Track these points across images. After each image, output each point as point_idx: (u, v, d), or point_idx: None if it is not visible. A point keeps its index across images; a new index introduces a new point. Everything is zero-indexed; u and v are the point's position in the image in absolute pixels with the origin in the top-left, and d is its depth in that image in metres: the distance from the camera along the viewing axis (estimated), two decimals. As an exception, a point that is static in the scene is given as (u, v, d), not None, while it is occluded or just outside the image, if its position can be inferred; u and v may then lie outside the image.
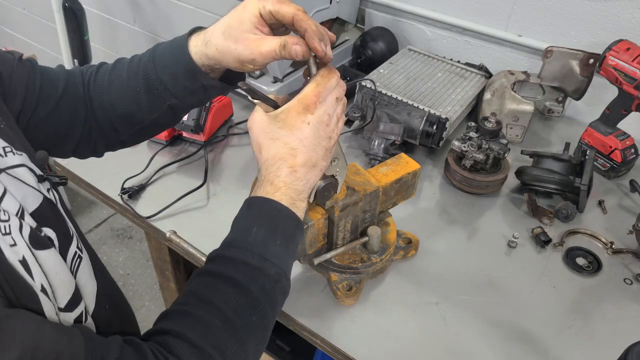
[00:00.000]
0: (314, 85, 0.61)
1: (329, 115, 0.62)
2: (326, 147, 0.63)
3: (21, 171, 0.55)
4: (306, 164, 0.61)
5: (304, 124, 0.60)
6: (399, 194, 0.88)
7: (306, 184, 0.62)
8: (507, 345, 0.79)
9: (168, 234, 0.93)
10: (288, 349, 1.44)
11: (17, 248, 0.48)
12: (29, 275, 0.48)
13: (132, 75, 0.72)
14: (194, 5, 2.02)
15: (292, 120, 0.60)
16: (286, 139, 0.60)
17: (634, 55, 1.02)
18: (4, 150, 0.55)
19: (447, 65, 1.33)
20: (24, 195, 0.54)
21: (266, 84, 1.29)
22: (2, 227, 0.47)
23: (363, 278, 0.85)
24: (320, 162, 0.63)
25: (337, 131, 0.65)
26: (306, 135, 0.61)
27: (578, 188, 0.99)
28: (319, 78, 0.62)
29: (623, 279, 0.90)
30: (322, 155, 0.63)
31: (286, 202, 0.60)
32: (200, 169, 1.09)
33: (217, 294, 0.55)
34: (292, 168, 0.61)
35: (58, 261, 0.54)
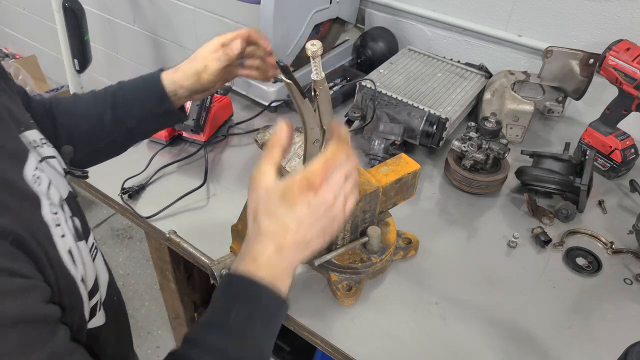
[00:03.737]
0: (322, 162, 0.58)
1: (334, 196, 0.58)
2: (325, 228, 0.59)
3: (54, 162, 0.60)
4: (296, 243, 0.57)
5: (305, 203, 0.57)
6: (399, 194, 0.88)
7: (292, 262, 0.58)
8: (507, 345, 0.79)
9: (168, 234, 0.93)
10: (288, 349, 1.44)
11: (66, 239, 0.51)
12: (74, 264, 0.51)
13: (99, 98, 0.81)
14: (194, 5, 2.03)
15: (293, 197, 0.56)
16: (283, 216, 0.56)
17: (634, 55, 1.02)
18: (41, 141, 0.59)
19: (447, 65, 1.33)
20: (58, 184, 0.56)
21: (266, 84, 1.29)
22: (55, 219, 0.50)
23: (363, 278, 0.85)
24: (314, 242, 0.59)
25: (344, 212, 0.60)
26: (304, 215, 0.57)
27: (578, 188, 0.99)
28: (329, 153, 0.58)
29: (623, 279, 0.90)
30: (319, 236, 0.59)
31: (268, 279, 0.56)
32: (200, 169, 1.09)
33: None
34: (279, 247, 0.56)
35: (87, 252, 0.58)
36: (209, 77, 0.83)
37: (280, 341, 1.44)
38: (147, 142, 1.17)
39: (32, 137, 0.58)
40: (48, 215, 0.50)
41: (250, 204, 0.59)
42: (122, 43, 2.51)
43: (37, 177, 0.51)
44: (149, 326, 2.04)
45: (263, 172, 0.58)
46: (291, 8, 1.20)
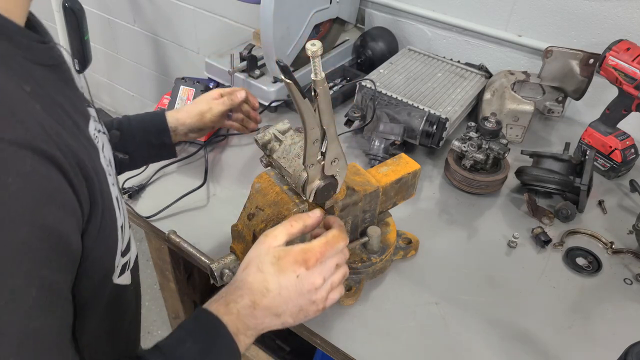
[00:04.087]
0: (324, 242, 0.61)
1: (323, 279, 0.61)
2: (303, 307, 0.61)
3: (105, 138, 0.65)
4: (270, 309, 0.59)
5: (294, 274, 0.59)
6: (399, 194, 0.88)
7: (259, 325, 0.59)
8: (507, 345, 0.79)
9: (168, 234, 0.93)
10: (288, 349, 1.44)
11: (114, 188, 0.56)
12: (119, 210, 0.56)
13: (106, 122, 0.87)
14: (194, 5, 2.03)
15: (285, 263, 0.59)
16: (268, 277, 0.59)
17: (634, 55, 1.02)
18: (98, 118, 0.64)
19: (447, 65, 1.33)
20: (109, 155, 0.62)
21: (266, 84, 1.29)
22: (108, 170, 0.55)
23: (363, 278, 0.85)
24: (286, 317, 0.60)
25: (327, 301, 0.62)
26: (288, 285, 0.59)
27: (578, 188, 0.99)
28: (330, 236, 0.62)
29: (623, 279, 0.90)
30: (293, 312, 0.60)
31: (231, 328, 0.57)
32: (200, 169, 1.09)
33: None
34: (253, 304, 0.58)
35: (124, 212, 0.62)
36: (212, 118, 0.99)
37: (280, 341, 1.44)
38: (147, 142, 1.17)
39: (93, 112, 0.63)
40: (104, 162, 0.55)
41: (248, 255, 0.62)
42: (122, 43, 2.51)
43: (95, 136, 0.56)
44: (149, 326, 2.03)
45: (274, 234, 0.61)
46: (291, 8, 1.20)
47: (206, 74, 1.40)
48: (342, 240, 0.63)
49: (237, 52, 1.34)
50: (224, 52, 1.39)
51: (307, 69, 1.35)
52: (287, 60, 1.28)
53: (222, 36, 2.00)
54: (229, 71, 1.30)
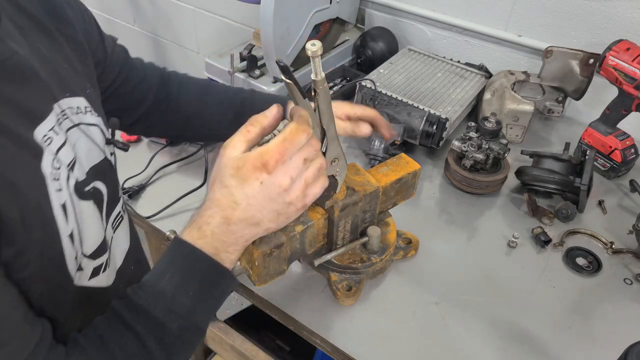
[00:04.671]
0: (280, 141, 0.55)
1: (290, 179, 0.56)
2: (280, 211, 0.58)
3: (94, 130, 0.64)
4: (245, 220, 0.57)
5: (257, 181, 0.55)
6: (399, 194, 0.88)
7: (239, 238, 0.58)
8: (507, 345, 0.79)
9: (168, 234, 0.93)
10: (288, 349, 1.43)
11: (61, 193, 0.54)
12: (65, 219, 0.54)
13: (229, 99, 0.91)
14: (194, 5, 2.03)
15: (245, 172, 0.55)
16: (233, 190, 0.56)
17: (634, 55, 1.02)
18: (85, 109, 0.63)
19: (447, 65, 1.33)
20: (88, 150, 0.62)
21: (266, 84, 1.29)
22: (54, 174, 0.53)
23: (363, 278, 0.85)
24: (265, 223, 0.58)
25: (304, 199, 0.59)
26: (255, 194, 0.55)
27: (578, 188, 0.99)
28: (287, 132, 0.56)
29: (623, 279, 0.90)
30: (272, 217, 0.58)
31: (209, 250, 0.56)
32: (200, 169, 1.09)
33: (116, 338, 0.54)
34: (226, 219, 0.56)
35: (94, 214, 0.61)
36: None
37: (280, 341, 1.44)
38: (147, 142, 1.17)
39: (75, 104, 0.61)
40: (47, 168, 0.53)
41: (213, 170, 0.59)
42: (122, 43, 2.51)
43: (48, 138, 0.54)
44: (149, 326, 2.03)
45: (232, 144, 0.57)
46: (291, 8, 1.20)
47: (206, 74, 1.40)
48: (303, 133, 0.56)
49: (237, 52, 1.34)
50: (224, 52, 1.39)
51: (307, 69, 1.34)
52: (287, 60, 1.28)
53: (222, 36, 2.00)
54: (229, 71, 1.30)
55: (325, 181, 0.62)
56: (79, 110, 0.62)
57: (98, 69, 0.74)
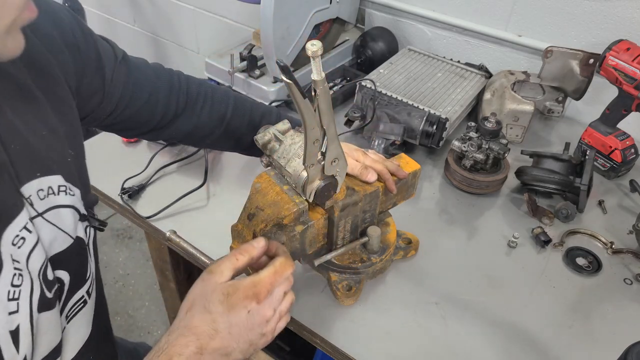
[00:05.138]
0: (272, 272, 0.58)
1: (273, 311, 0.58)
2: (252, 341, 0.58)
3: (64, 212, 0.58)
4: (219, 350, 0.55)
5: (244, 309, 0.55)
6: (399, 194, 0.88)
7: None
8: (507, 345, 0.79)
9: (168, 234, 0.93)
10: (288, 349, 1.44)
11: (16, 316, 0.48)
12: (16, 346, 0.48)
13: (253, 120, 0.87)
14: (194, 5, 2.03)
15: (235, 300, 0.55)
16: (217, 317, 0.55)
17: (634, 55, 1.02)
18: (59, 188, 0.57)
19: (447, 65, 1.33)
20: (53, 239, 0.56)
21: (266, 84, 1.29)
22: (12, 292, 0.48)
23: (363, 278, 0.85)
24: (236, 354, 0.57)
25: (273, 332, 0.60)
26: (239, 322, 0.55)
27: (578, 188, 0.99)
28: (278, 265, 0.59)
29: (623, 279, 0.90)
30: (243, 348, 0.57)
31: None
32: (200, 169, 1.09)
33: None
34: (200, 349, 0.54)
35: (54, 320, 0.56)
36: None
37: (280, 341, 1.44)
38: (147, 142, 1.17)
39: (46, 184, 0.55)
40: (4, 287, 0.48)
41: (190, 294, 0.58)
42: (122, 43, 2.49)
43: (20, 239, 0.50)
44: (149, 326, 2.03)
45: (220, 270, 0.57)
46: (291, 8, 1.20)
47: (206, 74, 1.40)
48: (290, 267, 0.60)
49: (237, 52, 1.34)
50: (224, 52, 1.39)
51: (307, 69, 1.35)
52: (287, 60, 1.28)
53: (222, 36, 2.00)
54: (229, 71, 1.30)
55: (289, 318, 0.63)
56: (50, 191, 0.56)
57: (95, 99, 0.69)
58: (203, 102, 0.84)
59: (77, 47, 0.64)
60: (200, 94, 0.84)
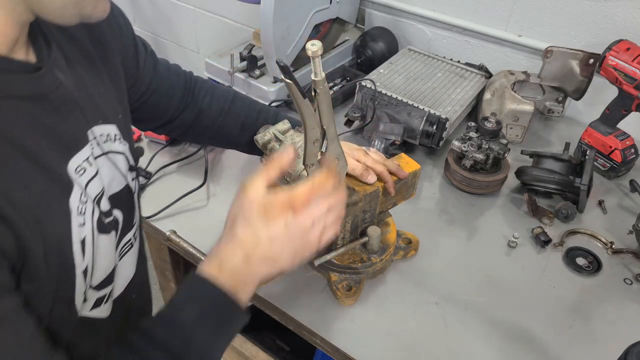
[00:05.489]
0: (309, 186, 0.59)
1: (312, 223, 0.59)
2: (297, 252, 0.60)
3: (120, 158, 0.65)
4: (265, 259, 0.58)
5: (282, 221, 0.58)
6: (399, 194, 0.88)
7: (255, 276, 0.59)
8: (507, 345, 0.79)
9: (168, 234, 0.93)
10: (288, 349, 1.43)
11: (84, 228, 0.55)
12: (82, 254, 0.55)
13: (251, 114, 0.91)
14: (194, 5, 2.03)
15: (273, 212, 0.58)
16: (258, 229, 0.58)
17: (634, 55, 1.02)
18: (115, 136, 0.65)
19: (447, 65, 1.33)
20: (112, 179, 0.63)
21: (266, 84, 1.29)
22: (80, 208, 0.54)
23: (363, 278, 0.85)
24: (282, 262, 0.60)
25: (319, 242, 0.61)
26: (278, 233, 0.58)
27: (578, 188, 0.99)
28: (316, 180, 0.60)
29: (623, 279, 0.90)
30: (288, 258, 0.60)
31: (229, 286, 0.56)
32: (200, 169, 1.09)
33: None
34: (247, 257, 0.57)
35: (110, 246, 0.62)
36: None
37: (280, 341, 1.44)
38: (147, 142, 1.17)
39: (106, 131, 0.62)
40: (75, 202, 0.54)
41: (231, 209, 0.61)
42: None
43: (81, 169, 0.56)
44: (149, 326, 2.03)
45: (253, 185, 0.59)
46: (291, 8, 1.20)
47: (206, 74, 1.40)
48: (330, 183, 0.61)
49: (237, 52, 1.34)
50: (224, 52, 1.39)
51: (307, 69, 1.34)
52: (287, 60, 1.28)
53: (222, 36, 2.00)
54: (229, 71, 1.30)
55: (337, 230, 0.65)
56: (108, 137, 0.63)
57: (129, 82, 0.75)
58: (205, 93, 0.90)
59: (120, 29, 0.71)
60: (203, 87, 0.90)
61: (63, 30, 0.59)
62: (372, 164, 0.81)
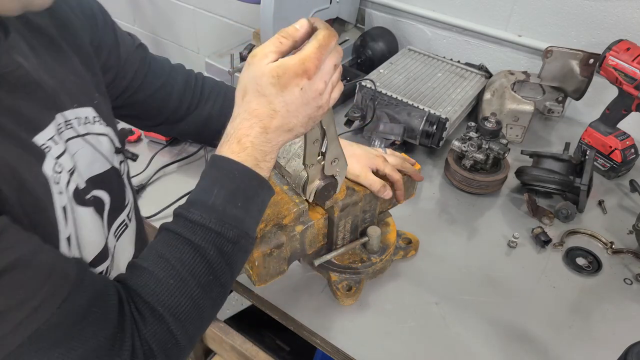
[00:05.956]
0: (316, 46, 0.56)
1: (325, 83, 0.59)
2: (311, 115, 0.60)
3: (103, 139, 0.65)
4: (281, 127, 0.58)
5: (297, 87, 0.56)
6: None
7: (275, 146, 0.59)
8: (507, 345, 0.79)
9: (168, 234, 0.93)
10: (288, 349, 1.43)
11: (62, 197, 0.55)
12: (65, 221, 0.55)
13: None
14: (194, 5, 2.03)
15: (286, 79, 0.56)
16: (272, 98, 0.57)
17: (634, 55, 1.02)
18: (94, 119, 0.64)
19: (447, 65, 1.33)
20: (92, 160, 0.63)
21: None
22: (55, 177, 0.55)
23: (363, 278, 0.85)
24: (297, 128, 0.60)
25: (330, 101, 0.61)
26: (294, 99, 0.57)
27: (578, 188, 0.99)
28: (321, 38, 0.57)
29: (623, 279, 0.90)
30: (303, 122, 0.60)
31: (250, 163, 0.58)
32: (200, 169, 1.07)
33: (175, 253, 0.55)
34: (264, 129, 0.58)
35: (93, 221, 0.61)
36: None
37: (280, 341, 1.44)
38: (147, 142, 1.17)
39: (83, 114, 0.63)
40: (49, 170, 0.54)
41: (241, 81, 0.59)
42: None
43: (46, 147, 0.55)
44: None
45: (264, 54, 0.57)
46: (291, 8, 1.20)
47: (206, 74, 1.39)
48: (334, 38, 0.58)
49: (237, 52, 1.34)
50: (224, 52, 1.39)
51: (307, 69, 1.34)
52: (287, 60, 1.27)
53: (222, 36, 2.00)
54: (229, 71, 1.30)
55: (342, 87, 0.63)
56: (87, 120, 0.63)
57: (109, 75, 0.74)
58: (216, 96, 0.87)
59: (94, 20, 0.70)
60: (214, 89, 0.88)
61: (27, 22, 0.59)
62: (391, 172, 0.82)
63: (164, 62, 0.84)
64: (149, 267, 0.55)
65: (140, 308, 0.52)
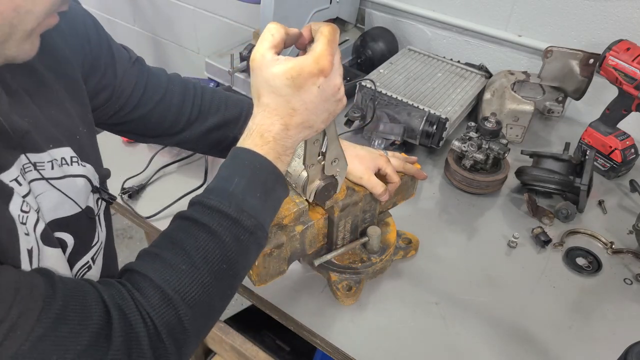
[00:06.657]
0: (326, 42, 0.56)
1: (341, 76, 0.59)
2: (331, 110, 0.60)
3: (79, 181, 0.61)
4: (302, 124, 0.59)
5: (314, 86, 0.56)
6: (399, 194, 0.88)
7: (295, 142, 0.60)
8: (507, 345, 0.79)
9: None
10: (288, 349, 1.43)
11: (29, 238, 0.52)
12: (30, 264, 0.52)
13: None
14: (194, 5, 2.03)
15: (302, 80, 0.56)
16: (289, 98, 0.57)
17: (634, 55, 1.02)
18: (71, 159, 0.61)
19: (447, 65, 1.33)
20: (57, 203, 0.59)
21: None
22: (23, 217, 0.52)
23: (363, 278, 0.85)
24: (317, 125, 0.60)
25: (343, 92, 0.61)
26: (312, 98, 0.57)
27: (578, 188, 0.99)
28: (327, 33, 0.57)
29: (623, 279, 0.90)
30: (324, 118, 0.60)
31: (272, 156, 0.58)
32: (200, 169, 1.09)
33: (189, 239, 0.55)
34: (286, 126, 0.58)
35: (60, 261, 0.58)
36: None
37: (280, 341, 1.44)
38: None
39: (59, 155, 0.60)
40: (16, 210, 0.51)
41: (253, 85, 0.59)
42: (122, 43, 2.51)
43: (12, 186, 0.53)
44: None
45: (261, 55, 0.57)
46: (291, 8, 1.20)
47: (206, 74, 1.40)
48: (337, 30, 0.59)
49: (237, 52, 1.34)
50: (224, 52, 1.39)
51: (307, 69, 1.34)
52: (287, 60, 1.27)
53: (222, 36, 2.00)
54: (229, 71, 1.30)
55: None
56: (64, 161, 0.60)
57: (104, 94, 0.72)
58: (217, 108, 0.85)
59: (87, 39, 0.68)
60: (214, 100, 0.85)
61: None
62: (392, 174, 0.82)
63: (160, 76, 0.82)
64: (160, 254, 0.54)
65: (148, 293, 0.51)
